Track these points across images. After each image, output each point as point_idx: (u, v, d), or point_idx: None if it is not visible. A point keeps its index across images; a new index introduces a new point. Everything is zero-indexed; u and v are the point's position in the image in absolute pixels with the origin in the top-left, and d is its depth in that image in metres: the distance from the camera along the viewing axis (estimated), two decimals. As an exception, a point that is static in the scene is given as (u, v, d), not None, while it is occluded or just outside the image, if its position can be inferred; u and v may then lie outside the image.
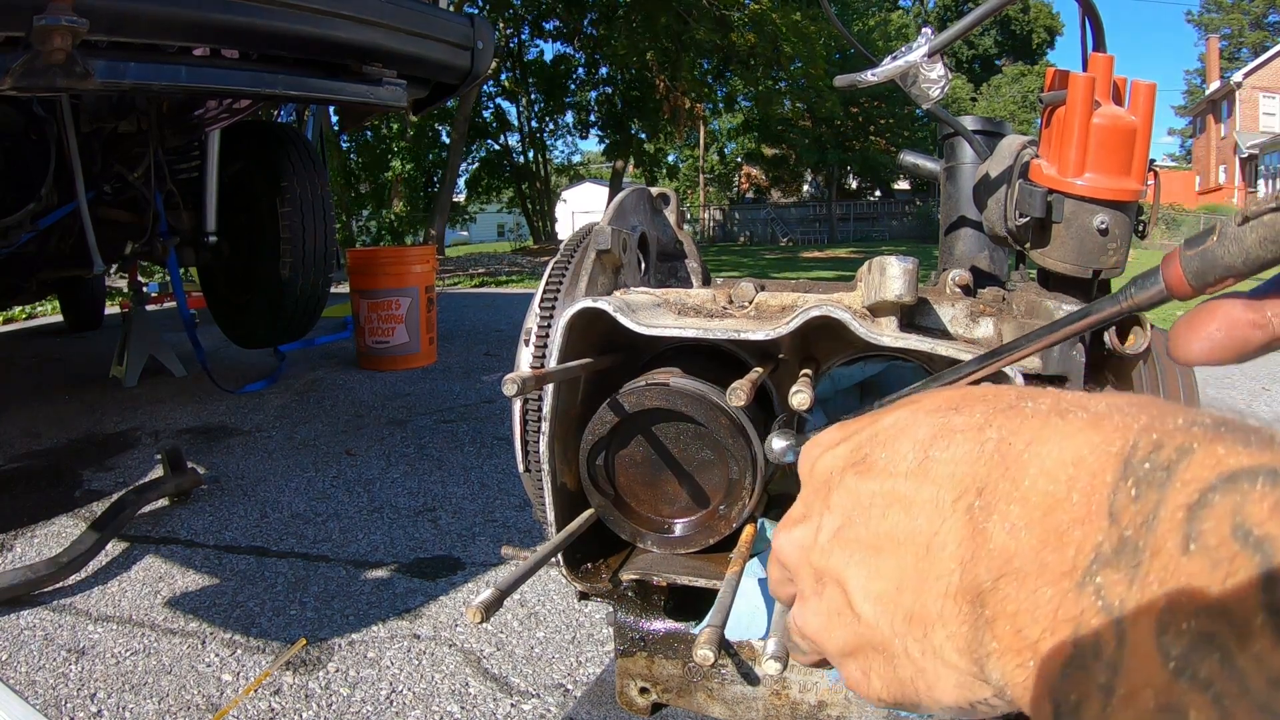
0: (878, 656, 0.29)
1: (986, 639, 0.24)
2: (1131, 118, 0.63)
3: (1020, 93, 35.26)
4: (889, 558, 0.28)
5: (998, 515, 0.25)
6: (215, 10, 2.19)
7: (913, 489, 0.28)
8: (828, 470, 0.34)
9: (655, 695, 0.66)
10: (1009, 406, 0.28)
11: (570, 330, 0.60)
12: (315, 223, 4.02)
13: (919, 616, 0.27)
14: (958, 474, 0.27)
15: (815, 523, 0.33)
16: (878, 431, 0.32)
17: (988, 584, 0.24)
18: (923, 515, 0.27)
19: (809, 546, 0.33)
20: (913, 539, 0.28)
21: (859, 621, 0.29)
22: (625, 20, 17.55)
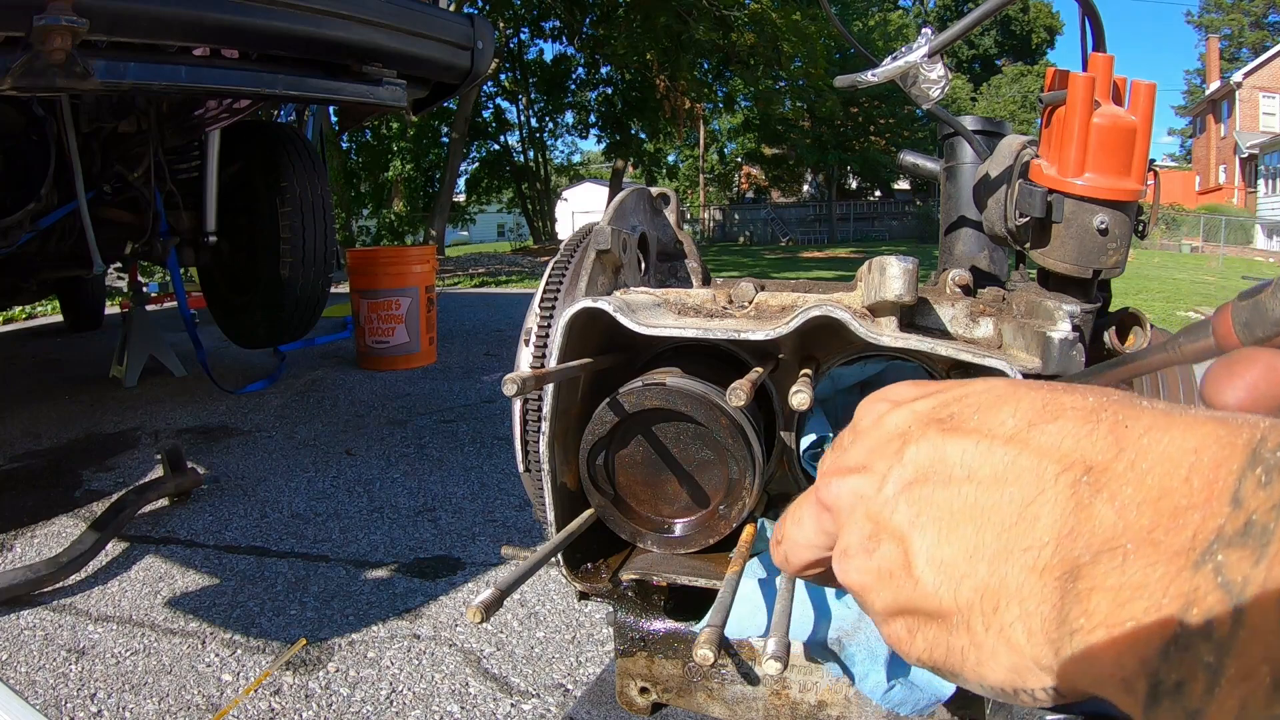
0: (931, 623, 0.28)
1: (1075, 614, 0.23)
2: (1131, 118, 0.63)
3: (1020, 93, 35.26)
4: (967, 523, 0.27)
5: (1106, 494, 0.24)
6: (215, 10, 2.19)
7: (1009, 456, 0.27)
8: (904, 422, 0.32)
9: (655, 695, 0.66)
10: (1123, 398, 0.27)
11: (570, 330, 0.60)
12: (315, 223, 4.02)
13: (992, 590, 0.26)
14: (1064, 448, 0.26)
15: (880, 474, 0.31)
16: (969, 394, 0.31)
17: (1086, 559, 0.23)
18: (1017, 484, 0.26)
19: (868, 497, 0.31)
20: (1000, 507, 0.26)
21: (916, 585, 0.28)
22: (625, 20, 17.55)
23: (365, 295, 4.72)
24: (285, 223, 3.93)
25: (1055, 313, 0.60)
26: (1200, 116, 33.50)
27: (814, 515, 0.34)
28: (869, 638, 0.53)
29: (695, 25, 16.63)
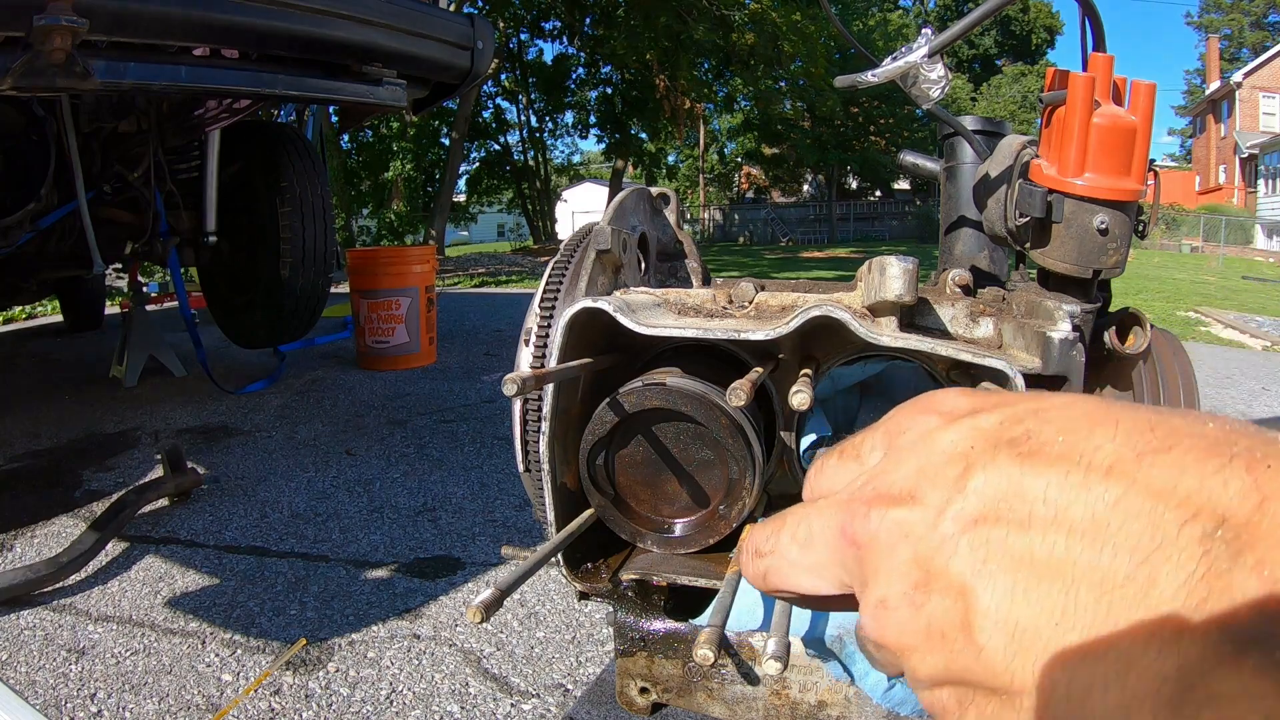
0: (991, 699, 0.22)
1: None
2: (1131, 118, 0.63)
3: (1020, 93, 35.26)
4: (1052, 580, 0.21)
5: (1251, 559, 0.19)
6: (215, 10, 2.19)
7: (1113, 495, 0.21)
8: (964, 442, 0.25)
9: (655, 695, 0.66)
10: (1254, 429, 0.22)
11: (570, 330, 0.60)
12: (315, 223, 4.02)
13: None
14: (1186, 489, 0.20)
15: (934, 507, 0.25)
16: (1046, 409, 0.25)
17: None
18: (1124, 533, 0.21)
19: (918, 536, 0.24)
20: (1101, 563, 0.21)
21: (978, 653, 0.22)
22: (625, 20, 17.55)
23: (365, 295, 4.72)
24: (285, 223, 3.93)
25: (1055, 313, 0.60)
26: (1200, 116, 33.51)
27: (833, 545, 0.28)
28: (869, 638, 0.53)
29: (695, 25, 16.62)
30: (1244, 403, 3.84)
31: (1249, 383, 4.22)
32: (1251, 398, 3.94)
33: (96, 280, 6.11)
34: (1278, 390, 4.06)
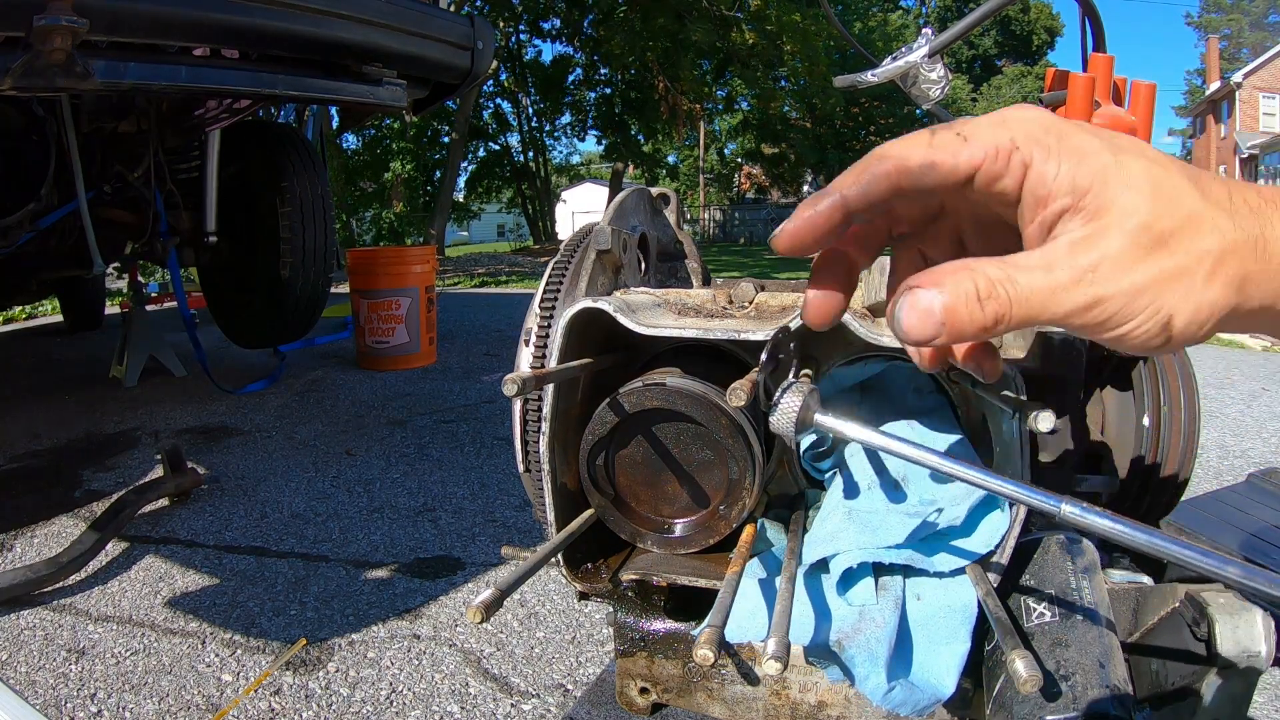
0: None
1: None
2: (1131, 118, 0.63)
3: (1020, 93, 35.24)
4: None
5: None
6: (215, 10, 2.18)
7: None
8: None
9: (655, 695, 0.66)
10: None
11: (570, 330, 0.60)
12: (315, 223, 4.02)
13: None
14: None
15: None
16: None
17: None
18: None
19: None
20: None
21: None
22: (624, 20, 17.55)
23: (365, 295, 4.72)
24: (285, 223, 3.93)
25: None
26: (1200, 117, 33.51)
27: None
28: (869, 639, 0.53)
29: (693, 26, 16.62)
30: (1244, 403, 3.84)
31: (1249, 383, 4.22)
32: (1251, 398, 3.94)
33: (96, 280, 6.11)
34: (1277, 390, 4.06)
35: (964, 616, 0.54)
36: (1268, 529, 1.07)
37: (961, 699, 0.57)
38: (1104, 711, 0.48)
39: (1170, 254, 0.34)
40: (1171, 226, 0.35)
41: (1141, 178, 0.35)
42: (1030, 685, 0.42)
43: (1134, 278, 0.34)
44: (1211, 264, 0.34)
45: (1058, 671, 0.51)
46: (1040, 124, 0.36)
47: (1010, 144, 0.36)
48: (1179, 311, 0.34)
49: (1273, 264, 0.35)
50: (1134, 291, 0.34)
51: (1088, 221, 0.35)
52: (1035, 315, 0.34)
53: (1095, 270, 0.34)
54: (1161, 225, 0.35)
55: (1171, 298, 0.34)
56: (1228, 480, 2.66)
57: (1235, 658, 0.56)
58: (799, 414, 0.40)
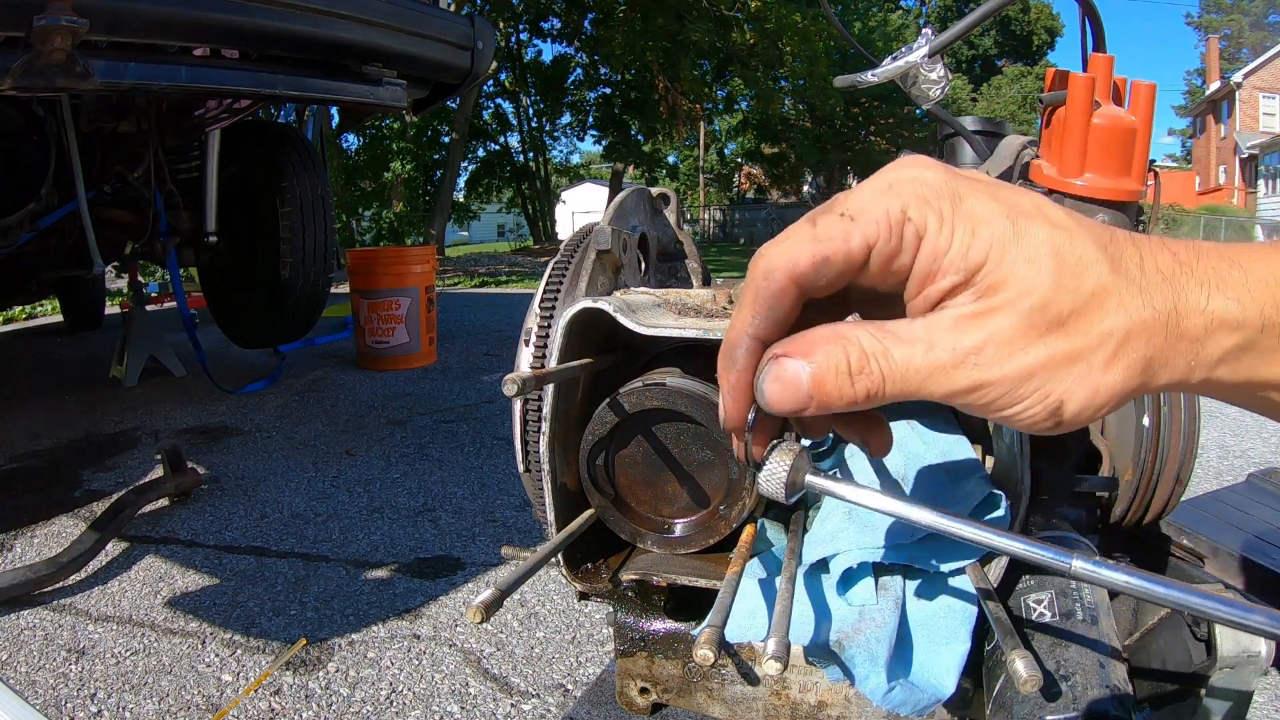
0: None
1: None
2: (1131, 118, 0.63)
3: (1020, 93, 35.26)
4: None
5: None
6: (215, 10, 2.18)
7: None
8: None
9: (655, 695, 0.66)
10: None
11: (570, 330, 0.60)
12: (315, 223, 4.02)
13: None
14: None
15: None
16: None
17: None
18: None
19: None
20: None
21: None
22: (624, 21, 17.55)
23: (365, 295, 4.72)
24: (285, 223, 3.93)
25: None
26: (1200, 117, 33.50)
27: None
28: (869, 639, 0.53)
29: (692, 27, 16.62)
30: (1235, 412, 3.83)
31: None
32: (1251, 398, 3.94)
33: (96, 280, 6.11)
34: (1278, 390, 4.06)
35: (964, 616, 0.54)
36: (1268, 529, 1.07)
37: (961, 699, 0.57)
38: (1104, 711, 0.48)
39: (1067, 336, 0.31)
40: (1072, 306, 0.31)
41: (1043, 249, 0.32)
42: (1030, 685, 0.42)
43: (1022, 361, 0.31)
44: (1114, 347, 0.31)
45: (1058, 671, 0.51)
46: (932, 186, 0.33)
47: (901, 214, 0.32)
48: (1071, 396, 0.32)
49: (1183, 342, 0.32)
50: (1020, 377, 0.31)
51: (978, 298, 0.32)
52: (911, 392, 0.32)
53: (979, 353, 0.31)
54: (1060, 305, 0.31)
55: (1064, 383, 0.31)
56: (1228, 480, 2.66)
57: (1235, 658, 0.56)
58: (789, 476, 0.38)
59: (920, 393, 0.32)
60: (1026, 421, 0.32)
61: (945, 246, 0.32)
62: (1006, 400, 0.32)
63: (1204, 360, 0.32)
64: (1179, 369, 0.32)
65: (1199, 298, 0.32)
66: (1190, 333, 0.32)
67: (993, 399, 0.32)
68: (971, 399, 0.32)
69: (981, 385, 0.32)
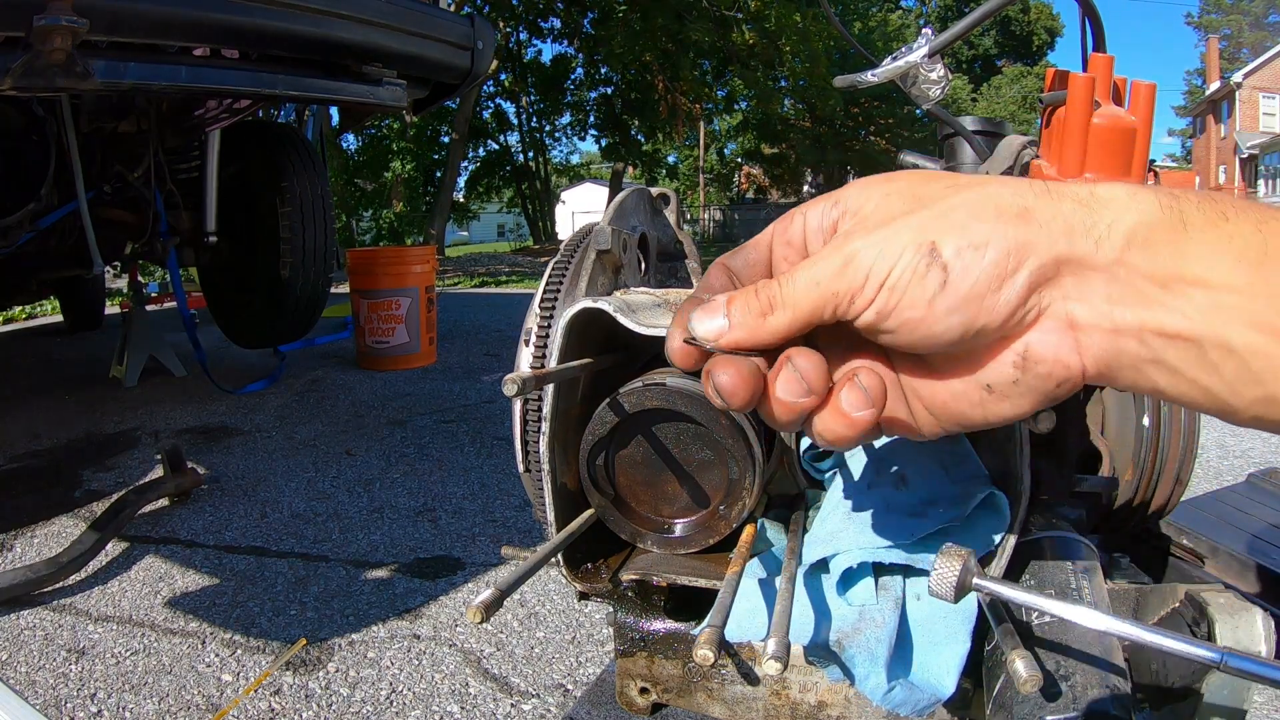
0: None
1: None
2: (1131, 118, 0.63)
3: (1020, 93, 35.26)
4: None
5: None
6: (215, 10, 2.19)
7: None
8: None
9: (655, 695, 0.66)
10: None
11: (570, 330, 0.60)
12: (315, 223, 4.02)
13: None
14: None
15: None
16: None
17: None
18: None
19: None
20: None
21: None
22: (624, 20, 17.54)
23: (365, 295, 4.72)
24: (285, 223, 3.93)
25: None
26: (1200, 117, 33.51)
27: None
28: (869, 639, 0.53)
29: (692, 27, 16.62)
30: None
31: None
32: (1251, 398, 3.94)
33: (96, 280, 6.11)
34: (1278, 390, 4.06)
35: (964, 616, 0.54)
36: (1268, 529, 1.07)
37: (961, 699, 0.57)
38: (1104, 711, 0.48)
39: (925, 203, 0.33)
40: (930, 189, 0.34)
41: (905, 173, 0.36)
42: (1030, 685, 0.42)
43: (888, 226, 0.33)
44: (977, 195, 0.33)
45: (1058, 671, 0.51)
46: (831, 195, 0.38)
47: (793, 210, 0.39)
48: (942, 235, 0.32)
49: (1065, 202, 0.32)
50: (887, 235, 0.33)
51: (850, 218, 0.36)
52: (803, 294, 0.34)
53: (847, 235, 0.34)
54: (918, 189, 0.34)
55: (930, 228, 0.32)
56: (1228, 480, 2.66)
57: (1235, 658, 0.56)
58: (958, 579, 0.41)
59: (810, 294, 0.34)
60: (913, 281, 0.32)
61: (822, 206, 0.38)
62: (882, 262, 0.32)
63: (1101, 224, 0.31)
64: (1073, 223, 0.31)
65: (1074, 184, 0.33)
66: (1069, 193, 0.32)
67: (867, 266, 0.32)
68: (849, 276, 0.33)
69: (853, 256, 0.33)
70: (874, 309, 0.33)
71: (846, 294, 0.33)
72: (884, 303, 0.33)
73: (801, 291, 0.34)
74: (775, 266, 0.40)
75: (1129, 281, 0.31)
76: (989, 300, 0.32)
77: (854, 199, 0.36)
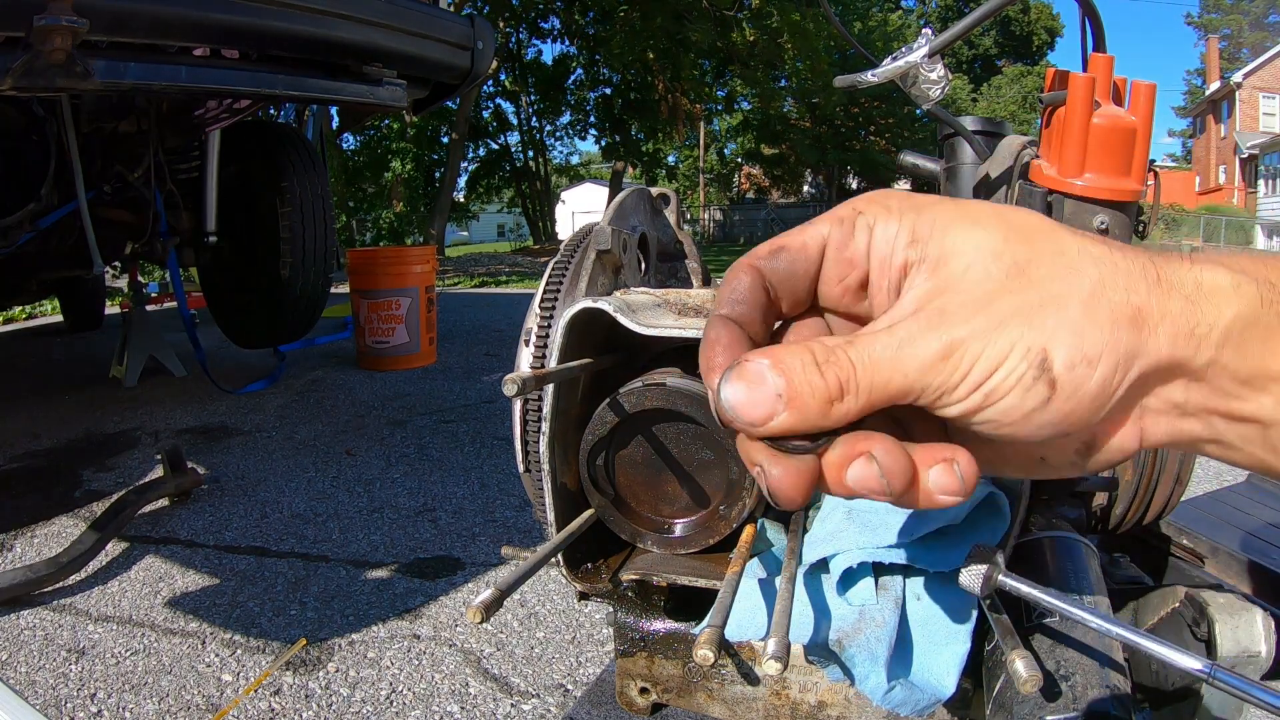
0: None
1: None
2: (1131, 118, 0.63)
3: (1020, 93, 35.27)
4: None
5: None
6: (215, 10, 2.19)
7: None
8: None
9: (655, 695, 0.66)
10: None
11: (570, 330, 0.60)
12: (315, 223, 4.02)
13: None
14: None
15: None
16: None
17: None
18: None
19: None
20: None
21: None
22: (624, 20, 17.55)
23: (365, 295, 4.72)
24: (285, 223, 3.93)
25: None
26: (1200, 117, 33.50)
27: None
28: (869, 639, 0.53)
29: (692, 27, 16.62)
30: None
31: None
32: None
33: (96, 280, 6.11)
34: (1278, 390, 4.06)
35: (964, 616, 0.54)
36: (1268, 529, 1.07)
37: (961, 699, 0.57)
38: (1104, 711, 0.48)
39: (1032, 283, 0.29)
40: (1030, 254, 0.29)
41: (989, 212, 0.31)
42: (1030, 685, 0.42)
43: (992, 310, 0.29)
44: (1088, 288, 0.29)
45: (1058, 671, 0.51)
46: (885, 193, 0.34)
47: (853, 211, 0.34)
48: (1055, 343, 0.28)
49: (1173, 294, 0.29)
50: (993, 325, 0.28)
51: (932, 271, 0.30)
52: (885, 380, 0.29)
53: (943, 313, 0.29)
54: (1017, 253, 0.29)
55: (1042, 329, 0.28)
56: (1228, 480, 2.66)
57: (1235, 658, 0.56)
58: (986, 573, 0.44)
59: (894, 378, 0.29)
60: (1017, 390, 0.29)
61: (895, 229, 0.32)
62: (987, 360, 0.28)
63: (1204, 323, 0.28)
64: (1180, 326, 0.29)
65: (1177, 262, 0.30)
66: (1177, 284, 0.29)
67: (971, 362, 0.28)
68: (948, 370, 0.29)
69: (954, 346, 0.28)
70: (961, 407, 0.29)
71: (937, 390, 0.29)
72: (975, 404, 0.29)
73: (884, 378, 0.29)
74: (824, 285, 0.35)
75: (1214, 380, 0.29)
76: (1086, 416, 0.29)
77: (938, 245, 0.31)
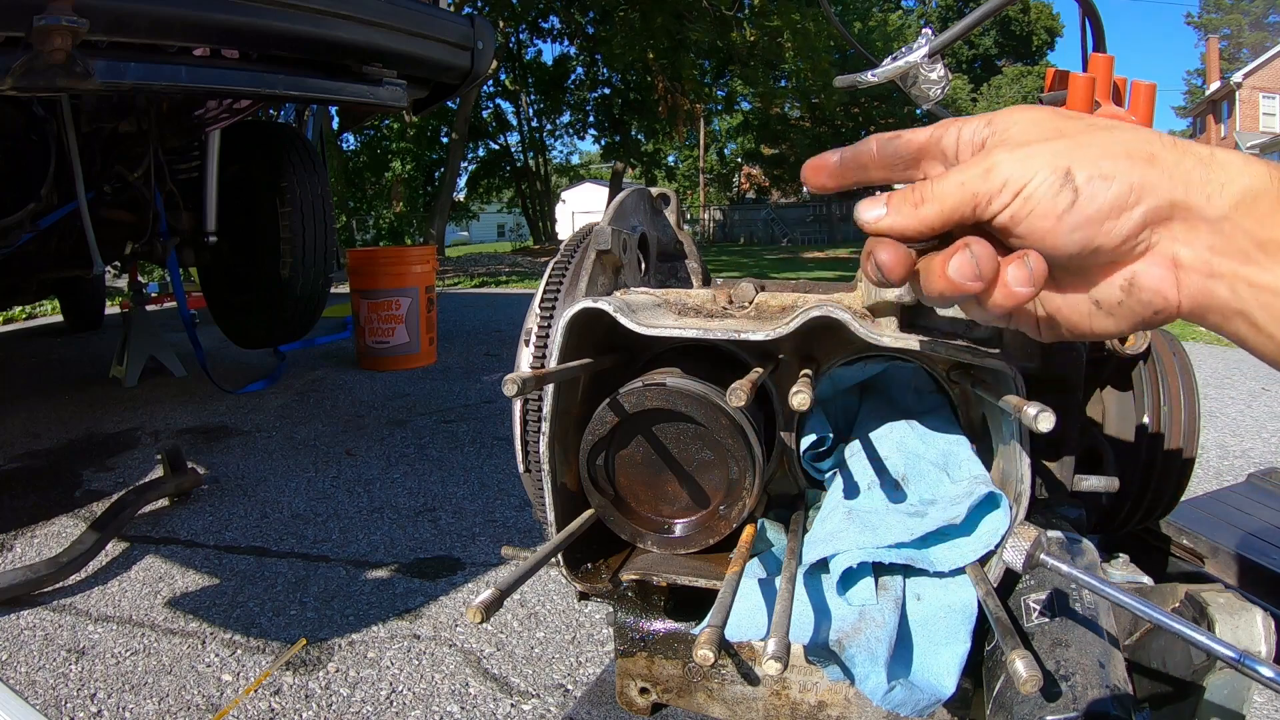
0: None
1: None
2: (1131, 118, 0.63)
3: (1020, 93, 35.23)
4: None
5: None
6: (215, 10, 2.19)
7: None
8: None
9: (655, 695, 0.66)
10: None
11: (570, 330, 0.60)
12: (315, 223, 4.02)
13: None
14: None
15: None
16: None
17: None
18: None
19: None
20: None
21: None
22: (624, 20, 17.54)
23: (365, 295, 4.72)
24: (285, 223, 3.94)
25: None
26: (1200, 117, 33.50)
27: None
28: (869, 639, 0.53)
29: (692, 26, 16.61)
30: (1244, 403, 3.84)
31: (1248, 383, 4.22)
32: (1251, 398, 3.94)
33: (96, 280, 6.11)
34: (1277, 390, 4.06)
35: (964, 616, 0.54)
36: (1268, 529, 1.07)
37: (961, 699, 0.57)
38: (1104, 711, 0.48)
39: (1063, 133, 0.38)
40: (1067, 121, 0.39)
41: (1045, 108, 0.41)
42: (1030, 685, 0.42)
43: (1027, 146, 0.38)
44: (1112, 135, 0.37)
45: (1058, 671, 0.51)
46: (984, 116, 0.43)
47: (955, 123, 0.43)
48: (1078, 162, 0.37)
49: (1188, 156, 0.36)
50: (1026, 153, 0.38)
51: (994, 137, 0.41)
52: (945, 191, 0.40)
53: (991, 152, 0.40)
54: (1057, 120, 0.39)
55: (1067, 154, 0.37)
56: (1228, 480, 2.67)
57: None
58: (1030, 549, 0.47)
59: (953, 195, 0.39)
60: (1046, 195, 0.37)
61: (977, 124, 0.42)
62: (1018, 174, 0.37)
63: (1215, 181, 0.35)
64: (1191, 178, 0.36)
65: (1194, 142, 0.38)
66: (1192, 150, 0.37)
67: (1005, 176, 0.38)
68: (990, 182, 0.38)
69: (993, 167, 0.38)
70: (1009, 212, 0.38)
71: (985, 195, 0.39)
72: (1018, 208, 0.38)
73: (948, 189, 0.39)
74: (925, 163, 0.45)
75: (1232, 237, 0.36)
76: (1107, 225, 0.37)
77: (1003, 121, 0.41)
